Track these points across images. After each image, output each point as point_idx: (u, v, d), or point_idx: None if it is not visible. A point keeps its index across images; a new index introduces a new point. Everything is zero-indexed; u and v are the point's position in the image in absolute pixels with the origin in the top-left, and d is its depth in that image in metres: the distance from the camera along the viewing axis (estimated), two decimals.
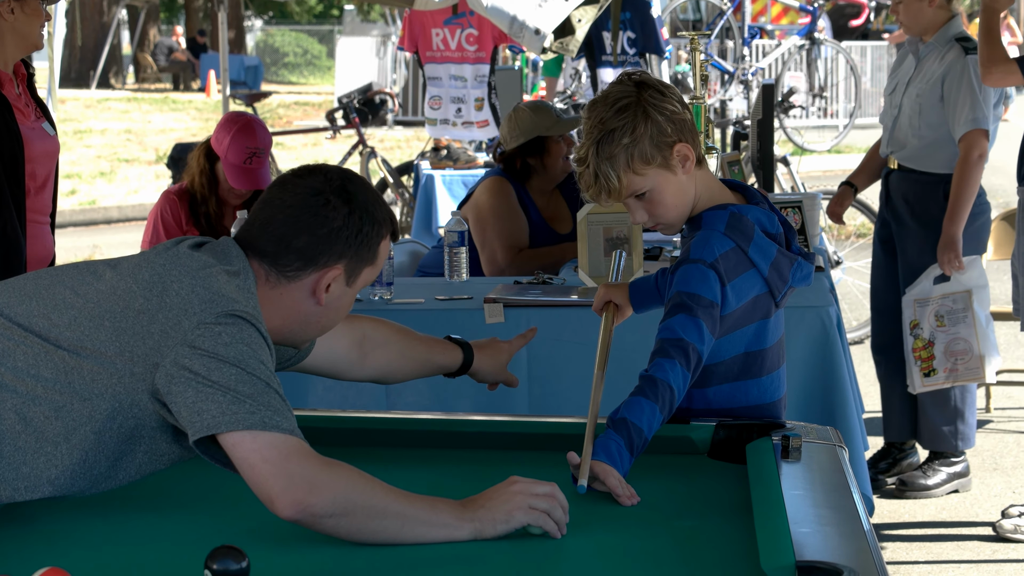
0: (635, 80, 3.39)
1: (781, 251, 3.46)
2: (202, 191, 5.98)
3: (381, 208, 3.04)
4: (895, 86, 6.70)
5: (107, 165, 20.42)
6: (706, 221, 3.43)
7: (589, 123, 3.36)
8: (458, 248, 5.74)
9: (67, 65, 31.44)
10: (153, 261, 2.87)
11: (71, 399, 2.77)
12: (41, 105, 5.32)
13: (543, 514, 2.72)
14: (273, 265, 2.95)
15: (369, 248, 3.01)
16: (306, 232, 2.95)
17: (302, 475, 2.65)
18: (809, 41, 15.57)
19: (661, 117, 3.33)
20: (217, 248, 2.94)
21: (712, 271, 3.33)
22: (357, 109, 13.96)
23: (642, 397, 3.16)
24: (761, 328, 3.49)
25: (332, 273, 2.97)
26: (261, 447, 2.66)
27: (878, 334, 6.87)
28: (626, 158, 3.31)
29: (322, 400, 5.21)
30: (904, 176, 6.58)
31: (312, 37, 44.56)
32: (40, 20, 5.12)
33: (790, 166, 10.47)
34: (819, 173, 18.14)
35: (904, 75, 6.65)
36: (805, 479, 2.92)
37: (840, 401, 5.04)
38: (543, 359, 5.17)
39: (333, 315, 3.06)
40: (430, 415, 3.67)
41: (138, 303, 2.79)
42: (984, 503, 6.50)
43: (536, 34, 7.46)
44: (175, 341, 2.73)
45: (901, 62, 6.76)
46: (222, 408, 2.67)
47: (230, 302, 2.78)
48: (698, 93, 5.78)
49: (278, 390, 2.75)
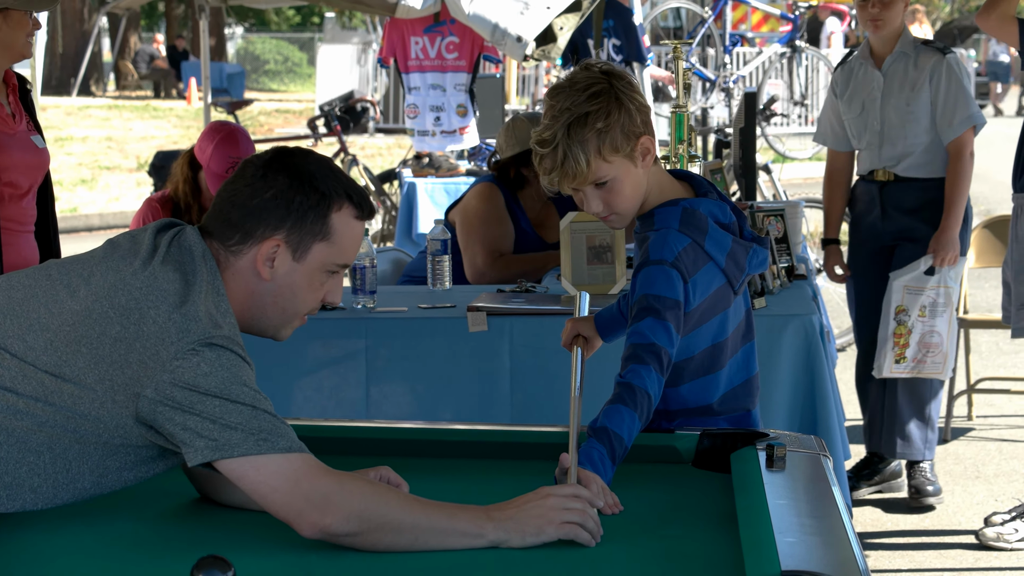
0: (602, 69, 3.40)
1: (736, 240, 3.48)
2: (185, 199, 6.02)
3: (330, 180, 2.94)
4: (862, 105, 6.63)
5: (88, 173, 20.38)
6: (659, 218, 3.43)
7: (556, 107, 3.34)
8: (441, 256, 5.74)
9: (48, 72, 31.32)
10: (130, 284, 2.81)
11: (54, 414, 2.75)
12: (34, 117, 5.31)
13: (576, 527, 2.70)
14: (221, 243, 2.92)
15: (313, 220, 2.91)
16: (240, 205, 2.92)
17: (314, 497, 2.65)
18: (790, 49, 15.60)
19: (632, 106, 3.35)
20: (183, 248, 2.89)
21: (674, 270, 3.34)
22: (339, 117, 13.98)
23: (621, 405, 3.16)
24: (723, 318, 3.52)
25: (269, 244, 2.90)
26: (266, 476, 2.66)
27: (860, 346, 6.85)
28: (598, 143, 3.31)
29: (302, 410, 5.20)
30: (908, 186, 6.56)
31: (293, 44, 44.52)
32: (25, 30, 5.11)
33: (772, 174, 10.49)
34: (800, 180, 18.16)
35: (873, 91, 6.58)
36: (790, 488, 2.92)
37: (823, 409, 5.03)
38: (526, 368, 5.16)
39: (289, 295, 2.96)
40: (411, 424, 3.65)
41: (115, 330, 2.75)
42: (966, 511, 6.51)
43: (518, 41, 7.45)
44: (154, 371, 2.71)
45: (855, 80, 6.66)
46: (211, 438, 2.66)
47: (206, 328, 2.74)
48: (681, 101, 5.78)
49: (267, 409, 2.73)
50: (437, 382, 5.21)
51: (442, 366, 5.20)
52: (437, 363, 5.20)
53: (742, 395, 3.60)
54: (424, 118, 9.39)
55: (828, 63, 17.52)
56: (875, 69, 6.58)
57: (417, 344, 5.24)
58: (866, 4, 6.52)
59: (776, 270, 5.49)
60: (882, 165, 6.58)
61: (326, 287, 3.01)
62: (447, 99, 9.22)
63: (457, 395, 5.20)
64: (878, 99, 6.56)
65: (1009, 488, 6.81)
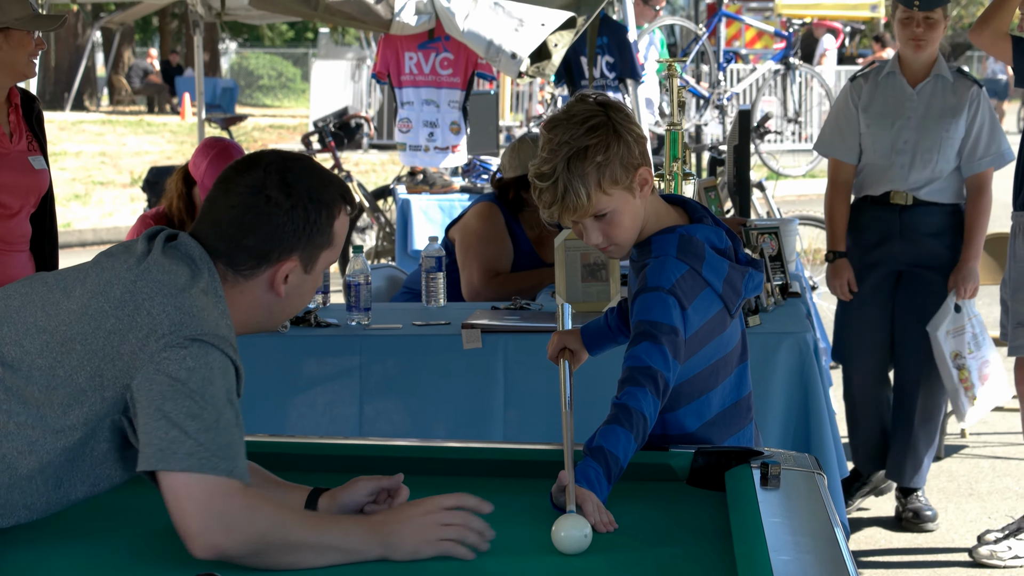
0: (599, 101, 3.41)
1: (732, 265, 3.50)
2: (179, 215, 6.02)
3: (327, 189, 2.99)
4: (893, 123, 6.45)
5: (82, 188, 20.37)
6: (656, 246, 3.45)
7: (554, 140, 3.35)
8: (435, 274, 5.74)
9: (41, 87, 31.33)
10: (124, 277, 2.83)
11: (43, 433, 2.76)
12: (39, 136, 5.30)
13: (453, 543, 2.76)
14: (229, 265, 2.93)
15: (321, 233, 2.97)
16: (252, 232, 2.92)
17: (220, 518, 2.65)
18: (784, 66, 15.62)
19: (630, 138, 3.36)
20: (181, 250, 2.91)
21: (671, 297, 3.36)
22: (333, 133, 13.97)
23: (617, 425, 3.17)
24: (720, 342, 3.53)
25: (287, 265, 2.95)
26: (188, 485, 2.65)
27: (872, 369, 6.69)
28: (597, 177, 3.33)
29: (296, 426, 5.20)
30: (927, 211, 6.44)
31: (287, 60, 44.55)
32: (27, 49, 5.11)
33: (766, 191, 10.50)
34: (794, 198, 18.19)
35: (907, 110, 6.43)
36: (784, 506, 2.92)
37: (817, 427, 5.04)
38: (519, 385, 5.17)
39: (297, 301, 3.04)
40: (404, 442, 3.65)
41: (109, 323, 2.77)
42: (960, 528, 6.51)
43: (513, 58, 7.47)
44: (143, 361, 2.72)
45: (884, 95, 6.50)
46: (164, 444, 2.66)
47: (200, 324, 2.76)
48: (676, 119, 5.78)
49: (229, 423, 2.72)
50: (431, 399, 5.21)
51: (436, 383, 5.20)
52: (431, 380, 5.20)
53: (736, 415, 3.61)
54: (417, 133, 9.37)
55: (822, 80, 17.56)
56: (909, 87, 6.46)
57: (411, 361, 5.24)
58: (910, 23, 6.38)
59: (770, 288, 5.50)
60: (907, 188, 6.42)
61: None
62: (441, 115, 9.21)
63: (450, 412, 5.20)
64: (912, 119, 6.42)
65: (1002, 505, 6.81)
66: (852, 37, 26.45)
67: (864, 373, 6.69)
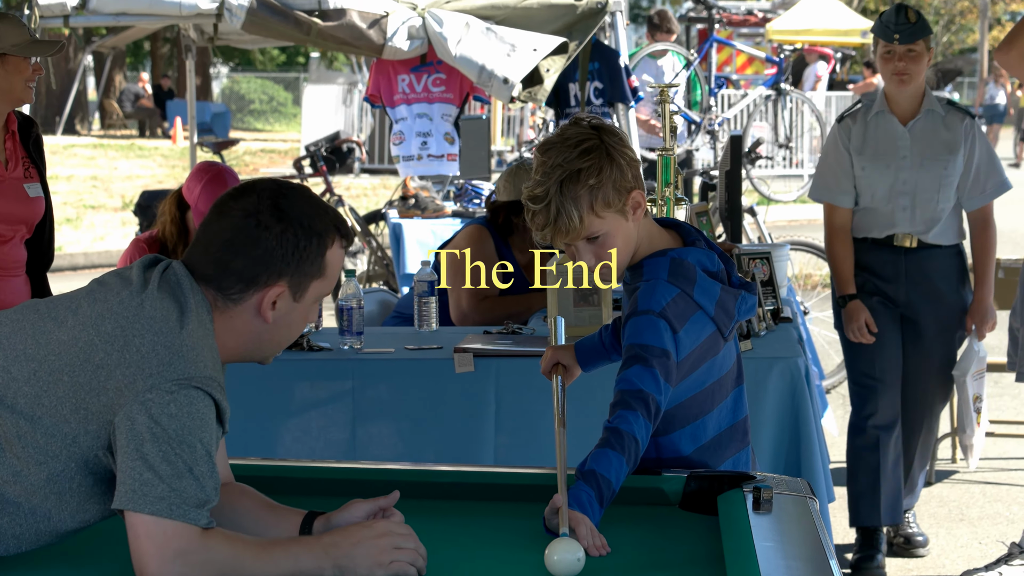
0: (592, 124, 3.42)
1: (724, 288, 3.51)
2: (172, 239, 6.03)
3: (321, 219, 2.98)
4: (888, 165, 6.19)
5: (73, 212, 20.35)
6: (648, 269, 3.46)
7: (548, 163, 3.37)
8: (427, 298, 5.75)
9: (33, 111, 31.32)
10: (116, 311, 2.83)
11: (27, 464, 2.77)
12: (37, 161, 5.30)
13: (405, 565, 2.80)
14: (218, 290, 2.93)
15: (312, 262, 2.96)
16: (241, 255, 2.92)
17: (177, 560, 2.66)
18: (775, 92, 15.65)
19: (623, 161, 3.38)
20: (172, 282, 2.91)
21: (662, 320, 3.37)
22: (324, 157, 13.99)
23: (609, 449, 3.18)
24: (713, 365, 3.54)
25: (274, 291, 2.93)
26: (149, 525, 2.67)
27: (882, 413, 6.32)
28: (590, 200, 3.34)
29: (289, 450, 5.20)
30: (932, 253, 6.22)
31: (278, 84, 44.58)
32: (24, 75, 5.11)
33: (757, 216, 10.51)
34: (784, 223, 18.22)
35: (901, 150, 6.17)
36: (776, 531, 2.93)
37: (807, 452, 5.05)
38: (511, 409, 5.17)
39: (285, 331, 3.03)
40: (397, 465, 3.66)
41: (98, 357, 2.77)
42: (951, 554, 6.51)
43: (505, 83, 7.49)
44: (127, 398, 2.72)
45: (875, 135, 6.22)
46: (137, 485, 2.67)
47: (188, 366, 2.76)
48: (667, 144, 5.80)
49: (206, 471, 2.73)
50: (423, 423, 5.22)
51: (428, 407, 5.21)
52: (423, 404, 5.21)
53: (732, 439, 3.62)
54: (410, 144, 9.35)
55: (812, 106, 17.60)
56: (900, 126, 6.21)
57: (404, 385, 5.25)
58: (891, 57, 6.13)
59: (762, 313, 5.51)
60: (912, 230, 6.20)
61: (312, 312, 3.07)
62: (434, 126, 9.20)
63: (443, 436, 5.20)
64: (908, 159, 6.17)
65: (993, 531, 6.81)
66: (843, 63, 26.54)
67: (881, 415, 6.31)
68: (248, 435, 5.03)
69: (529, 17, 7.81)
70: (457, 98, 9.03)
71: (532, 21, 7.80)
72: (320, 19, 7.51)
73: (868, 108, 6.27)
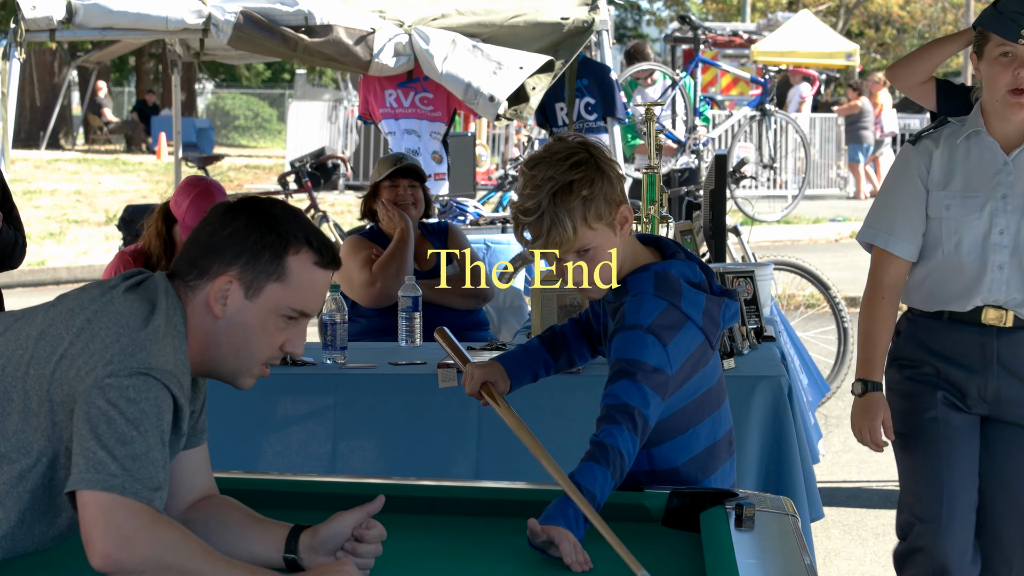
0: (578, 140, 3.44)
1: (708, 297, 3.52)
2: (158, 253, 6.03)
3: (291, 225, 2.95)
4: (983, 206, 4.45)
5: (56, 226, 20.33)
6: (632, 284, 3.47)
7: (538, 177, 3.38)
8: (411, 313, 5.75)
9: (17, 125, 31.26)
10: (87, 307, 2.85)
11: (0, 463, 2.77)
12: None
13: None
14: (182, 280, 2.94)
15: (269, 260, 2.91)
16: (200, 242, 2.95)
17: (122, 529, 2.64)
18: (760, 112, 15.68)
19: (612, 175, 3.40)
20: (149, 287, 2.92)
21: (649, 335, 3.37)
22: (309, 173, 14.00)
23: (593, 463, 3.18)
24: (704, 375, 3.56)
25: (222, 280, 2.91)
26: (99, 500, 2.65)
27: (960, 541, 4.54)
28: (584, 211, 3.36)
29: (270, 464, 5.19)
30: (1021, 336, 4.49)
31: (263, 100, 44.58)
32: None
33: (741, 236, 10.53)
34: (768, 243, 18.26)
35: (1001, 186, 4.45)
36: (758, 548, 2.93)
37: (789, 469, 5.05)
38: (492, 423, 5.16)
39: (241, 335, 2.95)
40: (378, 479, 3.65)
41: (62, 348, 2.78)
42: None
43: (491, 101, 7.49)
44: (88, 384, 2.72)
45: (968, 163, 4.49)
46: (90, 464, 2.66)
47: (149, 358, 2.76)
48: (653, 163, 5.82)
49: (160, 459, 2.72)
50: (405, 437, 5.21)
51: (411, 422, 5.20)
52: (406, 419, 5.21)
53: (721, 449, 3.63)
54: None
55: (797, 127, 17.62)
56: (1002, 153, 4.45)
57: (386, 400, 5.24)
58: (1010, 62, 4.34)
59: (745, 331, 5.52)
60: (1007, 300, 4.45)
61: (285, 334, 2.98)
62: (423, 144, 9.20)
63: (425, 450, 5.20)
64: (1010, 199, 4.44)
65: None
66: (827, 84, 26.61)
67: (951, 549, 4.54)
68: (229, 448, 5.02)
69: (516, 35, 7.83)
70: (445, 115, 9.06)
71: (518, 39, 7.82)
72: (307, 35, 7.51)
73: (956, 130, 4.53)
